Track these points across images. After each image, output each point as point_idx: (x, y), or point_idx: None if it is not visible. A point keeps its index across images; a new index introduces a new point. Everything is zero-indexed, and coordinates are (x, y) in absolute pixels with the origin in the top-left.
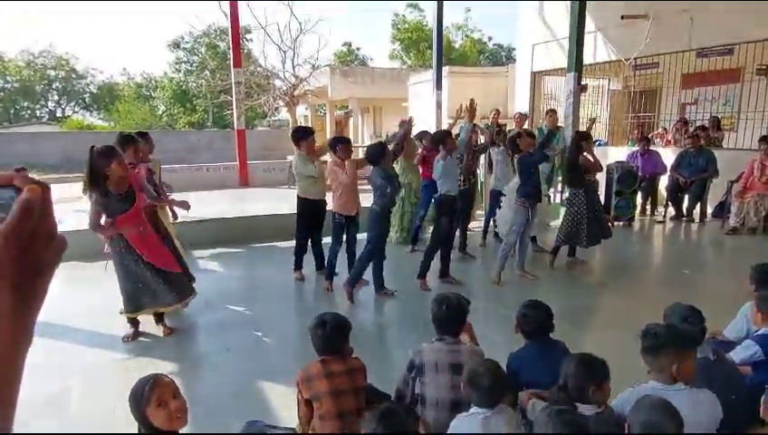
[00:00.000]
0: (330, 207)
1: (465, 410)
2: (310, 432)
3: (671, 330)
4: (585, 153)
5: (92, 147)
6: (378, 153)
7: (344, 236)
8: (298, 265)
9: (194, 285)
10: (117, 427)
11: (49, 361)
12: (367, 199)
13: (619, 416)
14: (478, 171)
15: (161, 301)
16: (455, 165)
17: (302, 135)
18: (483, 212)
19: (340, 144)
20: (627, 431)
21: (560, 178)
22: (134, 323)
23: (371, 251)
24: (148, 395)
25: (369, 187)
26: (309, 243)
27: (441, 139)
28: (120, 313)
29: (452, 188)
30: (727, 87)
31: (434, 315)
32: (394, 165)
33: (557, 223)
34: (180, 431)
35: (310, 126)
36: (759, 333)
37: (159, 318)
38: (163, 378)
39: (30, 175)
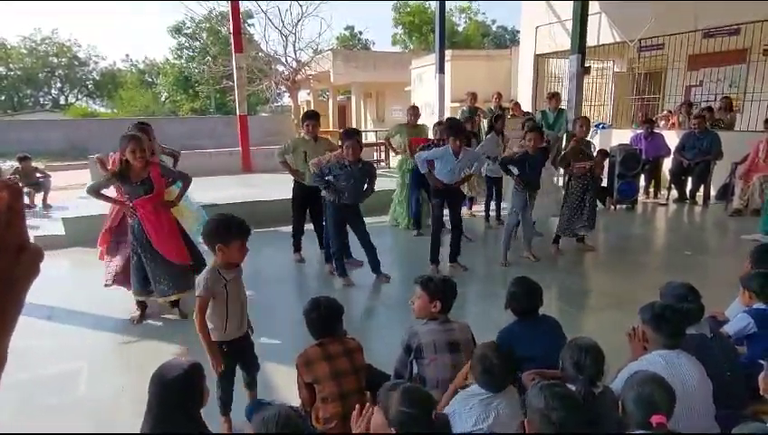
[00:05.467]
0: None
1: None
2: (313, 414)
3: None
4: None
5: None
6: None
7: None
8: (296, 248)
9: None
10: (124, 407)
11: (58, 343)
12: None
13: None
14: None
15: (160, 291)
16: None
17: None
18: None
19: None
20: (621, 405)
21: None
22: (141, 305)
23: (332, 241)
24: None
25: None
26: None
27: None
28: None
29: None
30: (733, 68)
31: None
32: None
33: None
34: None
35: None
36: (753, 306)
37: (174, 303)
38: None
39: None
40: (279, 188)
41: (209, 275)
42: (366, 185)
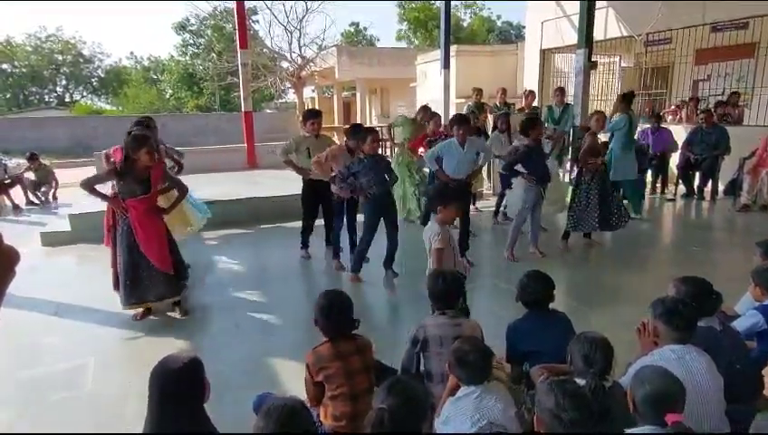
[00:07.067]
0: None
1: None
2: (321, 411)
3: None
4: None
5: (129, 131)
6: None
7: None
8: (304, 244)
9: (188, 273)
10: (132, 402)
11: (64, 339)
12: None
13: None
14: None
15: (153, 294)
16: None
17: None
18: (491, 192)
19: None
20: (632, 404)
21: (568, 158)
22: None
23: (362, 238)
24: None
25: None
26: (316, 221)
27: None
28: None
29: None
30: (741, 62)
31: (431, 291)
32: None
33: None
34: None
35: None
36: (764, 303)
37: (176, 302)
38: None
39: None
40: (283, 184)
41: (441, 230)
42: (385, 175)
